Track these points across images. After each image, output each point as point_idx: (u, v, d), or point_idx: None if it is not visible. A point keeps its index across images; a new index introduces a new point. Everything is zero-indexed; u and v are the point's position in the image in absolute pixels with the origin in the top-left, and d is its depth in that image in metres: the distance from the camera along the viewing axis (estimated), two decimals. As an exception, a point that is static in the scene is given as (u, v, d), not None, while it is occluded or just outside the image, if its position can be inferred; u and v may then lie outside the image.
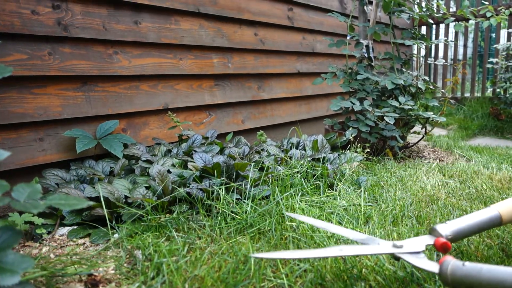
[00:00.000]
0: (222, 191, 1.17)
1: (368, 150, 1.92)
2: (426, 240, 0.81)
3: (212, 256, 0.90)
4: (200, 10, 2.20)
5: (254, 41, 2.56)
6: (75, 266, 0.82)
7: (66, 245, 1.03)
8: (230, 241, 0.95)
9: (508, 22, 4.19)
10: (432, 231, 0.81)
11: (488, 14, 2.48)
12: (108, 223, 1.09)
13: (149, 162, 1.48)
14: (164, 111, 2.06)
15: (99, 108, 1.79)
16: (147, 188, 1.27)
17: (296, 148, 1.76)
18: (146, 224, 1.06)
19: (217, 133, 2.24)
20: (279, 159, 1.59)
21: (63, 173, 1.44)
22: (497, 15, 2.49)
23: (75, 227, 1.15)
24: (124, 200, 1.20)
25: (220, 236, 1.02)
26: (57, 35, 1.63)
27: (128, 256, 0.92)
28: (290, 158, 1.55)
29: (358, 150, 1.85)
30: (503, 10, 2.62)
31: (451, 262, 0.69)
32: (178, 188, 1.24)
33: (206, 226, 1.05)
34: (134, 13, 1.91)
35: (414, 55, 2.55)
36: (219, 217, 1.10)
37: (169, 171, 1.37)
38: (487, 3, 2.58)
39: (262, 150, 1.79)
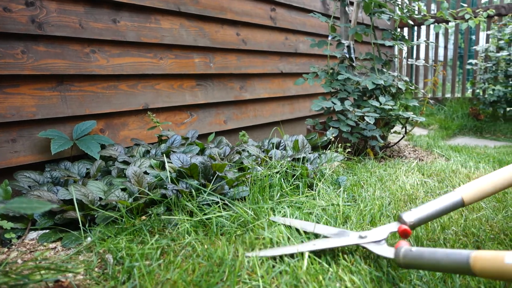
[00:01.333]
0: (195, 193, 1.15)
1: (349, 150, 1.93)
2: (392, 227, 0.89)
3: (187, 258, 0.88)
4: (181, 9, 2.17)
5: (237, 41, 2.54)
6: (42, 272, 0.79)
7: (36, 250, 0.99)
8: (205, 244, 0.93)
9: (487, 25, 4.29)
10: (399, 219, 0.88)
11: (467, 16, 2.52)
12: (81, 226, 1.05)
13: (126, 163, 1.45)
14: (144, 111, 2.02)
15: (75, 108, 1.75)
16: (123, 190, 1.25)
17: (277, 148, 1.75)
18: (120, 227, 1.03)
19: (198, 133, 2.21)
20: (259, 159, 1.58)
21: (36, 175, 1.40)
22: (475, 17, 2.53)
23: (47, 231, 1.12)
24: (98, 203, 1.17)
25: (196, 239, 1.00)
26: (31, 33, 1.58)
27: (99, 260, 0.89)
28: (270, 158, 1.54)
29: (339, 150, 1.85)
30: (481, 12, 2.67)
31: (403, 248, 0.79)
32: (154, 189, 1.21)
33: (181, 228, 1.03)
34: (113, 11, 1.87)
35: (395, 56, 2.58)
36: (195, 220, 1.08)
37: (146, 173, 1.35)
38: (465, 5, 2.63)
39: (243, 150, 1.77)
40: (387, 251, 0.84)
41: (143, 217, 1.11)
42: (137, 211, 1.13)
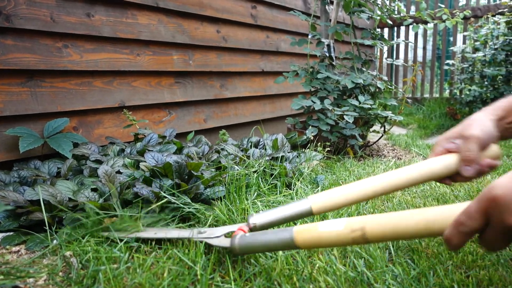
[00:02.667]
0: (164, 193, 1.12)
1: (329, 149, 1.93)
2: (232, 228, 0.90)
3: (158, 261, 0.85)
4: (159, 5, 2.12)
5: (217, 38, 2.51)
6: (0, 277, 0.74)
7: (-2, 254, 0.94)
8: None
9: (464, 26, 4.39)
10: (247, 220, 0.87)
11: (444, 17, 2.57)
12: (48, 228, 1.01)
13: (99, 162, 1.40)
14: (120, 109, 1.97)
15: (47, 105, 1.68)
16: (94, 190, 1.20)
17: (256, 147, 1.73)
18: (87, 229, 0.99)
19: (177, 132, 2.17)
20: (238, 158, 1.55)
21: (2, 175, 1.33)
22: (452, 17, 2.58)
23: (11, 233, 1.06)
24: (67, 204, 1.12)
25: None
26: (-2, 26, 1.51)
27: (64, 264, 0.85)
28: (249, 157, 1.52)
29: (319, 149, 1.84)
30: (458, 13, 2.72)
31: (239, 235, 0.80)
32: (127, 189, 1.17)
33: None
34: (86, 5, 1.81)
35: (375, 56, 2.59)
36: (168, 220, 1.05)
37: (119, 172, 1.30)
38: (443, 6, 2.67)
39: (222, 149, 1.74)
40: (224, 242, 0.85)
41: (114, 218, 1.07)
42: (107, 212, 1.09)
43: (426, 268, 0.90)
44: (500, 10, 3.79)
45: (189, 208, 1.08)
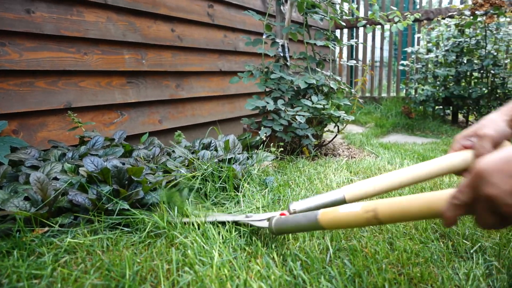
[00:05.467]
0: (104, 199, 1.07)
1: (282, 149, 1.93)
2: (275, 213, 1.02)
3: (85, 273, 0.81)
4: (108, 2, 2.04)
5: (172, 38, 2.45)
6: None
7: None
8: (109, 255, 0.86)
9: (418, 28, 4.56)
10: (288, 207, 1.01)
11: (396, 19, 2.65)
12: (-31, 242, 0.93)
13: (35, 167, 1.33)
14: (66, 110, 1.88)
15: (-19, 108, 1.57)
16: (27, 198, 1.13)
17: (207, 148, 1.70)
18: (14, 241, 0.93)
19: (130, 134, 2.10)
20: (187, 161, 1.52)
21: None
22: (404, 20, 2.66)
23: None
24: (-5, 214, 1.04)
25: (101, 251, 0.92)
26: None
27: (-19, 281, 0.79)
28: (198, 159, 1.49)
29: (273, 149, 1.84)
30: (409, 15, 2.81)
31: (275, 218, 0.96)
32: (63, 197, 1.11)
33: (86, 240, 0.95)
34: (26, 1, 1.70)
35: (330, 56, 2.63)
36: (103, 229, 1.01)
37: (56, 178, 1.23)
38: (395, 8, 2.75)
39: (173, 151, 1.70)
40: (263, 224, 1.02)
41: (46, 228, 1.01)
42: (39, 222, 1.03)
43: (362, 267, 0.91)
44: (450, 13, 3.97)
45: (126, 217, 1.04)
